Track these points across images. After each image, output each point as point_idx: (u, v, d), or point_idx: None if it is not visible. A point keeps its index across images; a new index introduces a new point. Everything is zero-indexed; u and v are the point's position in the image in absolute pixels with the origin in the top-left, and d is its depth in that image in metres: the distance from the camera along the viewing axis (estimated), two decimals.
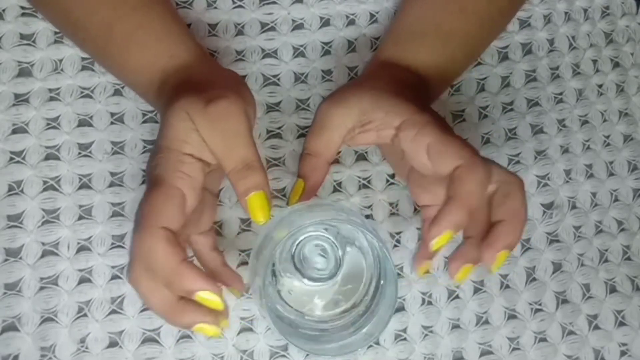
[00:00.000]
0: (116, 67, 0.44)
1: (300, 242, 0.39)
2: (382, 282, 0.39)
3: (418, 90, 0.44)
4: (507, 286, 0.49)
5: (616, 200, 0.52)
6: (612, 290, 0.51)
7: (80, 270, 0.45)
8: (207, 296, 0.35)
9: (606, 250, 0.51)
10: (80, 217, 0.46)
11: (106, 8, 0.42)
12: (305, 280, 0.39)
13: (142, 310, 0.45)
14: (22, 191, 0.46)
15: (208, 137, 0.37)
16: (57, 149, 0.47)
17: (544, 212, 0.51)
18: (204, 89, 0.38)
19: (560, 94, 0.54)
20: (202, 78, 0.40)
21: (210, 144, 0.37)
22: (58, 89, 0.48)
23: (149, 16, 0.42)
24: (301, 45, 0.51)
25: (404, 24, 0.48)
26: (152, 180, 0.37)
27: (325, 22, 0.52)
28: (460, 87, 0.52)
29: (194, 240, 0.43)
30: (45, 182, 0.46)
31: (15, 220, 0.45)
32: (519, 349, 0.48)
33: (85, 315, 0.44)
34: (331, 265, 0.39)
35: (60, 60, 0.48)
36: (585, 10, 0.56)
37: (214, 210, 0.44)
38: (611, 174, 0.53)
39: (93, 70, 0.48)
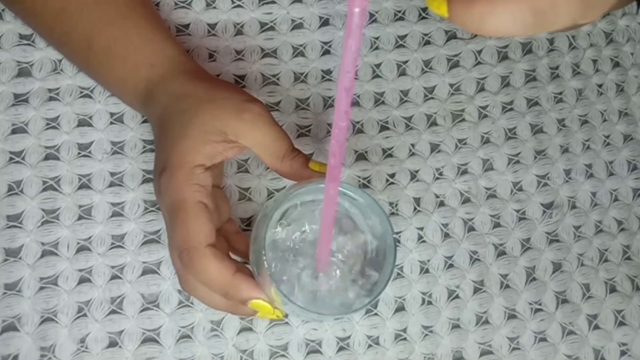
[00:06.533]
0: (100, 80, 0.45)
1: (300, 203, 0.39)
2: (381, 244, 0.39)
3: None
4: (507, 286, 0.49)
5: (616, 200, 0.52)
6: (612, 290, 0.51)
7: (80, 270, 0.45)
8: (262, 303, 0.38)
9: (606, 250, 0.51)
10: (80, 217, 0.46)
11: (83, 25, 0.42)
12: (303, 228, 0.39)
13: (142, 310, 0.45)
14: (21, 191, 0.46)
15: (250, 140, 0.39)
16: (56, 149, 0.47)
17: (544, 212, 0.51)
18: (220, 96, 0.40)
19: (560, 93, 0.54)
20: (202, 88, 0.41)
21: (254, 145, 0.40)
22: (57, 89, 0.48)
23: (125, 29, 0.42)
24: (300, 45, 0.51)
25: None
26: (172, 204, 0.38)
27: (325, 22, 0.52)
28: (460, 86, 0.52)
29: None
30: (44, 182, 0.46)
31: (14, 220, 0.45)
32: (519, 348, 0.48)
33: (85, 315, 0.44)
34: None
35: (60, 60, 0.48)
36: None
37: (227, 199, 0.45)
38: (611, 174, 0.53)
39: None
